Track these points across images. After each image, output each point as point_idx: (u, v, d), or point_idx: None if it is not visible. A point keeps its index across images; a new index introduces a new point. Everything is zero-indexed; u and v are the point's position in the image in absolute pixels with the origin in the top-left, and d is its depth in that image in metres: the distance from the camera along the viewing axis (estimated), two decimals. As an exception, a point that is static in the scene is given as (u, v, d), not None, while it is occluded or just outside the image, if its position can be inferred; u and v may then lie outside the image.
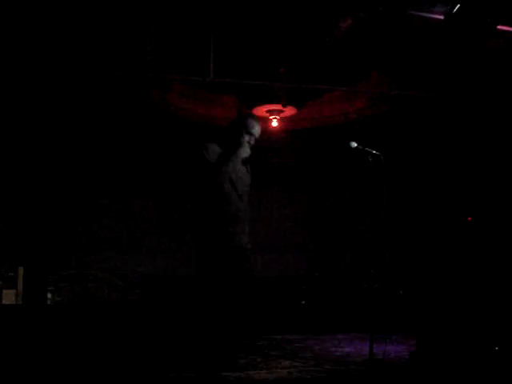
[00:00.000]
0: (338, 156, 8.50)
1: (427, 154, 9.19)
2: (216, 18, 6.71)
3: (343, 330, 8.04)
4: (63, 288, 8.75)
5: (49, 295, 8.61)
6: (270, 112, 8.67)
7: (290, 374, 5.55)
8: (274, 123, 8.77)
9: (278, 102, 8.34)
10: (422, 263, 8.37)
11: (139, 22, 6.70)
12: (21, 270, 8.42)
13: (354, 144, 6.02)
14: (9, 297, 8.33)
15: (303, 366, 6.01)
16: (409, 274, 8.94)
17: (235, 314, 5.83)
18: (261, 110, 8.69)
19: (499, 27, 6.00)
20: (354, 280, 8.94)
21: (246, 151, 5.44)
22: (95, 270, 8.97)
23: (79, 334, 7.52)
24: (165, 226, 9.49)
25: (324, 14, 6.44)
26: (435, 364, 5.82)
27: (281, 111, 8.62)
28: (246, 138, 5.38)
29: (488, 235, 7.39)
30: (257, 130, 5.39)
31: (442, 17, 6.07)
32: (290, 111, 8.70)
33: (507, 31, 6.22)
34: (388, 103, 8.78)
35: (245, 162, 5.49)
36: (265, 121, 8.90)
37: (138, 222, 9.30)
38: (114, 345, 7.15)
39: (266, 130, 9.13)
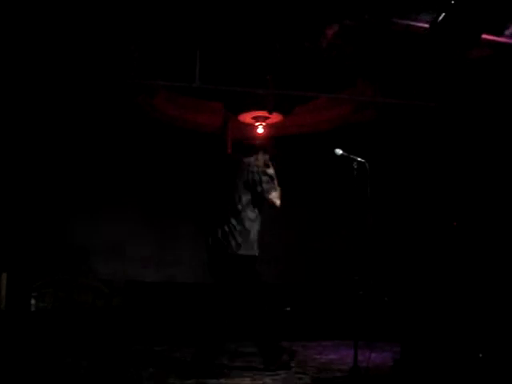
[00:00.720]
0: (323, 163, 8.51)
1: (412, 160, 9.22)
2: (202, 24, 6.71)
3: (328, 337, 8.04)
4: (47, 294, 8.70)
5: (32, 301, 8.56)
6: (256, 119, 8.66)
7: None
8: (260, 130, 8.76)
9: (264, 109, 8.33)
10: (408, 269, 8.39)
11: (125, 28, 6.68)
12: (4, 276, 8.36)
13: (340, 151, 6.05)
14: (-8, 303, 8.28)
15: (288, 373, 6.01)
16: (394, 281, 8.96)
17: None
18: (247, 117, 8.69)
19: (484, 36, 6.04)
20: (338, 287, 8.94)
21: None
22: (80, 276, 8.93)
23: (63, 340, 7.48)
24: (150, 233, 9.45)
25: (310, 21, 6.46)
26: (419, 371, 5.83)
27: (267, 118, 8.61)
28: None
29: (474, 240, 7.41)
30: None
31: (427, 25, 6.11)
32: (276, 118, 8.69)
33: (492, 40, 6.26)
34: (374, 110, 8.81)
35: None
36: (251, 127, 8.90)
37: (123, 229, 9.25)
38: (96, 351, 7.12)
39: (252, 137, 9.13)
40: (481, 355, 5.83)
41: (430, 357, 5.88)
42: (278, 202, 6.10)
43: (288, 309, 9.13)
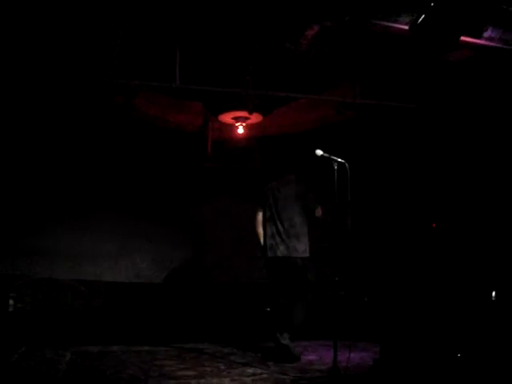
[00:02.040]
0: (304, 163, 8.53)
1: (393, 161, 9.26)
2: (183, 24, 6.70)
3: (307, 337, 8.05)
4: (26, 294, 8.63)
5: (11, 302, 8.49)
6: (236, 119, 8.66)
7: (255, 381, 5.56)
8: (240, 130, 8.76)
9: (244, 109, 8.34)
10: (387, 270, 8.43)
11: (105, 27, 6.65)
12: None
13: (320, 152, 6.09)
14: (-31, 304, 8.20)
15: (266, 374, 6.01)
16: (374, 281, 8.99)
17: None
18: (227, 117, 8.68)
19: (463, 38, 6.08)
20: (319, 287, 8.95)
21: None
22: (59, 277, 8.86)
23: (41, 341, 7.43)
24: (129, 234, 9.37)
25: (290, 22, 6.46)
26: (399, 371, 5.86)
27: (247, 118, 8.61)
28: None
29: (452, 242, 7.46)
30: None
31: (406, 27, 6.13)
32: (256, 118, 8.70)
33: (471, 42, 6.31)
34: (354, 111, 8.82)
35: None
36: (231, 128, 8.90)
37: (103, 229, 9.18)
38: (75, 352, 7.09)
39: (233, 137, 9.13)
40: (459, 355, 5.87)
41: (409, 357, 5.91)
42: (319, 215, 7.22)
43: (268, 309, 9.13)
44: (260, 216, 7.35)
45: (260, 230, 7.32)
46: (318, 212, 7.15)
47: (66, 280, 8.84)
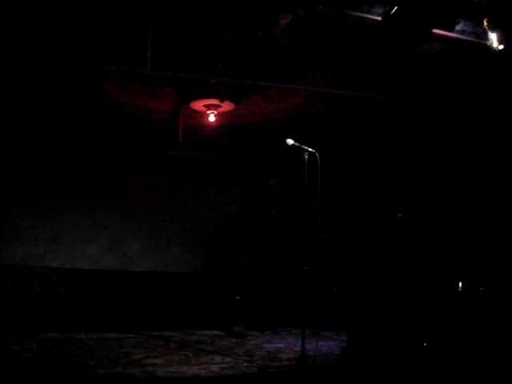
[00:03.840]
0: (275, 152, 8.54)
1: (362, 153, 9.31)
2: (155, 10, 6.64)
3: (276, 326, 8.10)
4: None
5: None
6: (208, 107, 8.62)
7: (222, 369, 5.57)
8: (212, 118, 8.72)
9: (215, 97, 8.30)
10: (356, 259, 8.49)
11: (77, 13, 6.56)
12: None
13: (291, 141, 6.10)
14: None
15: (235, 362, 6.03)
16: (344, 271, 9.04)
17: None
18: (198, 105, 8.64)
19: (435, 31, 6.12)
20: (288, 276, 8.98)
21: None
22: (27, 264, 8.77)
23: (8, 328, 7.37)
24: (90, 222, 9.27)
25: (264, 10, 6.43)
26: (366, 359, 5.91)
27: (218, 106, 8.58)
28: None
29: (419, 232, 7.53)
30: None
31: (379, 18, 6.15)
32: (227, 106, 8.67)
33: (443, 35, 6.35)
34: (326, 102, 8.84)
35: None
36: (202, 115, 8.86)
37: (68, 217, 9.08)
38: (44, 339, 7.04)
39: (204, 125, 9.09)
40: (425, 344, 5.94)
41: (376, 346, 5.97)
42: None
43: (237, 297, 9.14)
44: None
45: None
46: None
47: (34, 267, 8.74)
